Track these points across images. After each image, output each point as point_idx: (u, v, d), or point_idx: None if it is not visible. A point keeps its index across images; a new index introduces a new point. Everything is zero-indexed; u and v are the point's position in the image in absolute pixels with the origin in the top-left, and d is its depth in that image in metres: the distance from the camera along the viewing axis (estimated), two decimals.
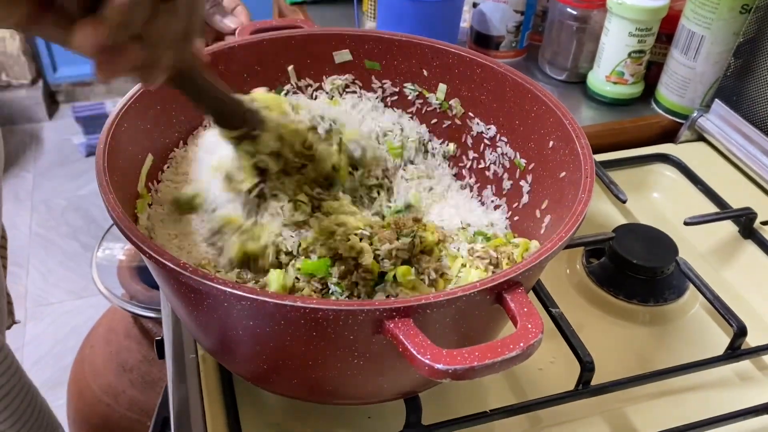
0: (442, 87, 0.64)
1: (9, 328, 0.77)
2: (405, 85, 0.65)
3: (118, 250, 1.24)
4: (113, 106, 0.53)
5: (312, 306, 0.37)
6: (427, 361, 0.36)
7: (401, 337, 0.37)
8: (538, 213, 0.56)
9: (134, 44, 0.33)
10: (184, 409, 0.54)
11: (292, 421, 0.54)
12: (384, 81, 0.65)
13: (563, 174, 0.53)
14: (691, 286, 0.67)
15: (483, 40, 0.96)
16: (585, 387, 0.55)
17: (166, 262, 0.39)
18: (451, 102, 0.64)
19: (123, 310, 1.17)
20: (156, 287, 1.16)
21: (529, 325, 0.38)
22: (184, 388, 0.56)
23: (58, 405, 1.47)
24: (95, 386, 1.18)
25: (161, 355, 0.65)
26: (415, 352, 0.36)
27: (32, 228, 2.04)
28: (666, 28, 0.88)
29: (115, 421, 1.16)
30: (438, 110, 0.65)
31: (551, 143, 0.56)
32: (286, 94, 0.64)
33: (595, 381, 0.56)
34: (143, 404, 1.14)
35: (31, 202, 2.13)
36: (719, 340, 0.63)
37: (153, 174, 0.56)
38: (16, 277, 1.89)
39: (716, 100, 0.85)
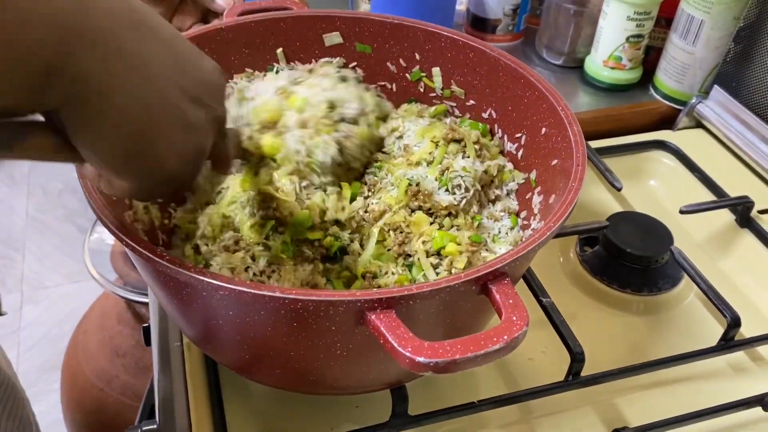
0: (437, 71, 0.63)
1: None
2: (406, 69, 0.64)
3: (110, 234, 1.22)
4: None
5: (291, 297, 0.36)
6: (407, 354, 0.35)
7: (382, 329, 0.36)
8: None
9: None
10: (169, 398, 0.54)
11: (278, 410, 0.54)
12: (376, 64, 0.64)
13: (555, 162, 0.52)
14: (686, 276, 0.66)
15: (479, 24, 0.95)
16: (575, 378, 0.55)
17: (143, 251, 0.38)
18: (453, 88, 0.62)
19: (116, 296, 1.16)
20: None
21: (514, 318, 0.37)
22: (169, 377, 0.55)
23: (54, 389, 1.48)
24: (88, 371, 1.18)
25: (148, 342, 0.65)
26: (395, 345, 0.35)
27: (28, 211, 2.03)
28: (665, 12, 0.86)
29: (108, 405, 1.16)
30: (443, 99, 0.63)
31: (544, 130, 0.55)
32: (277, 72, 0.62)
33: (587, 371, 0.55)
34: (136, 389, 1.14)
35: (27, 185, 2.12)
36: (713, 330, 0.62)
37: None
38: (12, 260, 1.88)
39: (715, 86, 0.83)
